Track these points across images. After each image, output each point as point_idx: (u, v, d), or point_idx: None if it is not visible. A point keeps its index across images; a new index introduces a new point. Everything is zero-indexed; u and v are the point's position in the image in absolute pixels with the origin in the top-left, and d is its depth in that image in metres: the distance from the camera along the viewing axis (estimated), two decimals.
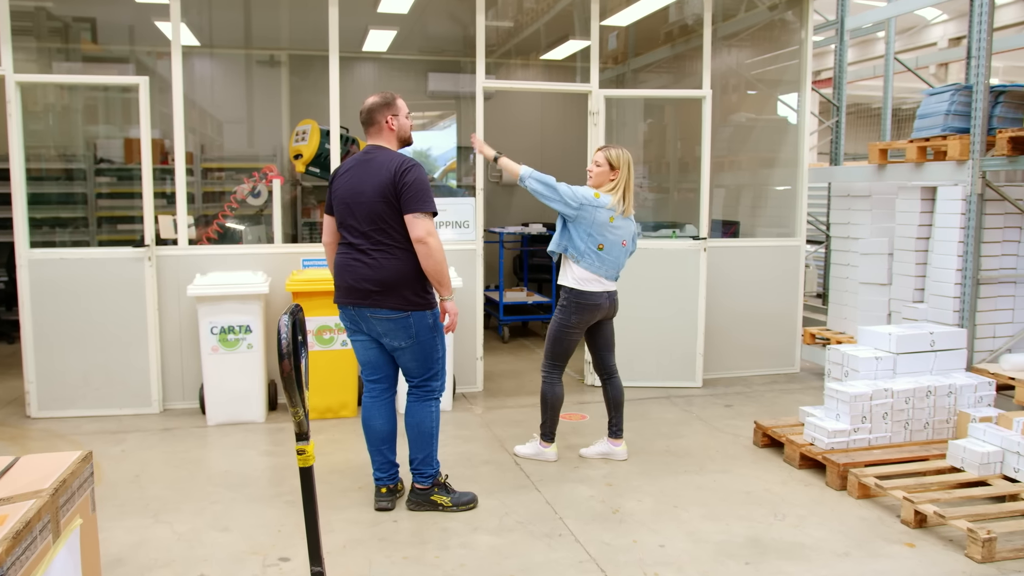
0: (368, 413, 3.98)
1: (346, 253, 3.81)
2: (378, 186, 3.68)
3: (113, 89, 8.06)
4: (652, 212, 9.13)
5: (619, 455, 4.74)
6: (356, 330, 3.89)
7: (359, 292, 3.75)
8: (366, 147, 3.86)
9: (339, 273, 3.84)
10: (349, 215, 3.76)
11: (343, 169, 3.86)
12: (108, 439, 5.07)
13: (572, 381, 6.54)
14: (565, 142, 10.14)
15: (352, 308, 3.81)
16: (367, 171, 3.74)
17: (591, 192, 4.43)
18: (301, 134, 6.56)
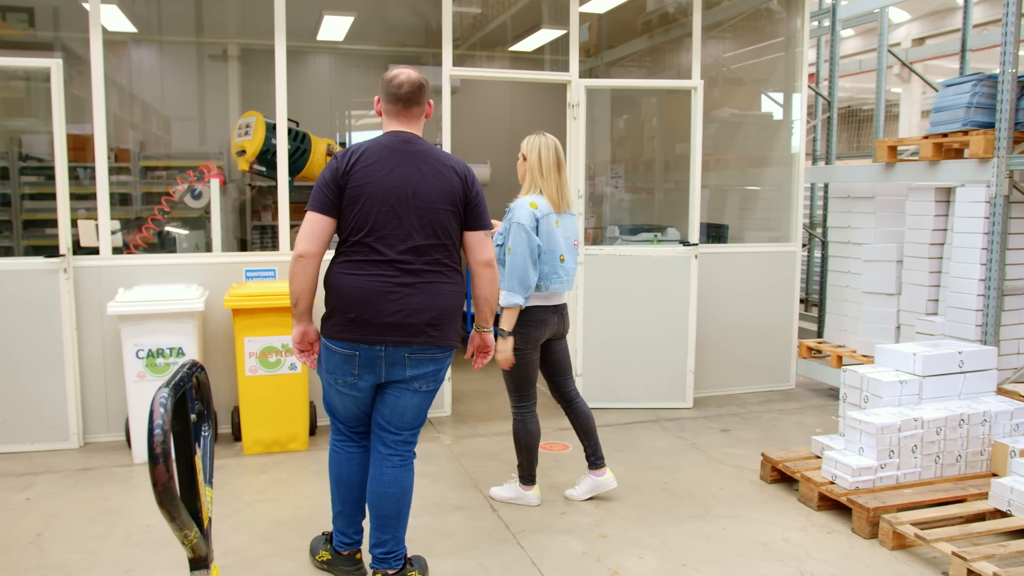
0: (354, 465, 3.16)
1: (381, 274, 2.88)
2: (446, 190, 2.94)
3: (37, 78, 7.25)
4: (629, 214, 8.56)
5: (607, 485, 4.11)
6: (364, 375, 2.96)
7: (409, 329, 2.89)
8: (397, 132, 2.98)
9: (369, 301, 2.86)
10: (394, 221, 2.87)
11: (371, 156, 2.90)
12: (12, 484, 4.32)
13: (550, 402, 5.89)
14: None
15: (385, 348, 2.90)
16: (423, 167, 2.93)
17: (528, 213, 3.76)
18: (244, 128, 5.84)
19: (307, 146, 6.07)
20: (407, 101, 2.97)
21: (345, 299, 2.89)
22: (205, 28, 7.82)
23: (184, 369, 1.64)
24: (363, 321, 2.86)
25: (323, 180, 2.90)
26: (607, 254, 5.69)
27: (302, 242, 2.88)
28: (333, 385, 3.03)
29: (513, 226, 3.72)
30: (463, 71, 5.54)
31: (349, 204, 2.87)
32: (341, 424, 3.17)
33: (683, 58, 8.00)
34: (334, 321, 2.92)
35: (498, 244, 3.81)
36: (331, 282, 2.96)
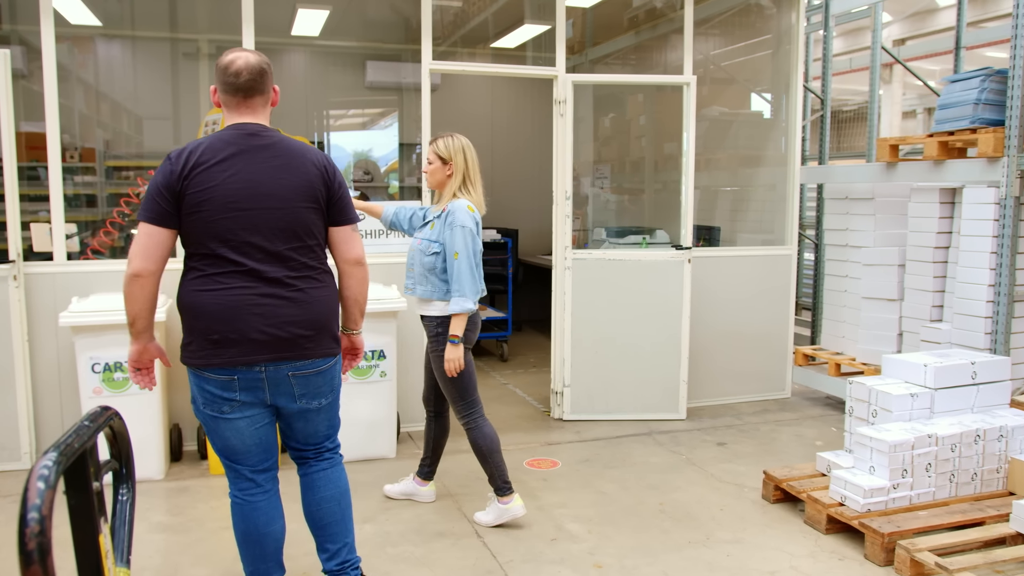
0: (263, 516, 2.76)
1: (242, 286, 2.55)
2: (304, 186, 2.62)
3: None
4: (615, 216, 8.29)
5: (424, 497, 4.09)
6: (249, 403, 2.64)
7: (281, 343, 2.59)
8: (241, 125, 2.61)
9: (233, 317, 2.53)
10: (248, 228, 2.54)
11: (211, 155, 2.51)
12: None
13: (536, 414, 5.62)
14: (517, 140, 9.27)
15: (264, 368, 2.60)
16: (274, 162, 2.59)
17: (470, 217, 3.64)
18: (212, 125, 5.50)
19: None
20: (248, 90, 2.61)
21: (206, 319, 2.54)
22: (175, 24, 7.48)
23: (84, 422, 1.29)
24: (231, 341, 2.54)
25: (155, 186, 2.50)
26: (596, 258, 5.41)
27: (136, 259, 2.49)
28: (218, 419, 2.64)
29: (457, 230, 3.57)
30: (444, 65, 5.24)
31: (191, 212, 2.51)
32: (242, 466, 2.73)
33: (670, 55, 7.76)
34: (197, 346, 2.57)
35: (435, 252, 3.64)
36: (185, 302, 2.59)
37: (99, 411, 1.35)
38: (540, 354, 7.59)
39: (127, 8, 7.24)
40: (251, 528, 2.75)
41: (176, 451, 4.64)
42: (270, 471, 2.79)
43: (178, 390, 4.76)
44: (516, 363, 7.21)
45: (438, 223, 3.68)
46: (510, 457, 4.71)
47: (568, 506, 4.02)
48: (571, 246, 5.38)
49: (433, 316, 3.71)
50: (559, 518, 3.88)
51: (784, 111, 6.27)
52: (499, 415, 5.59)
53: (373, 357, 4.55)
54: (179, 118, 7.72)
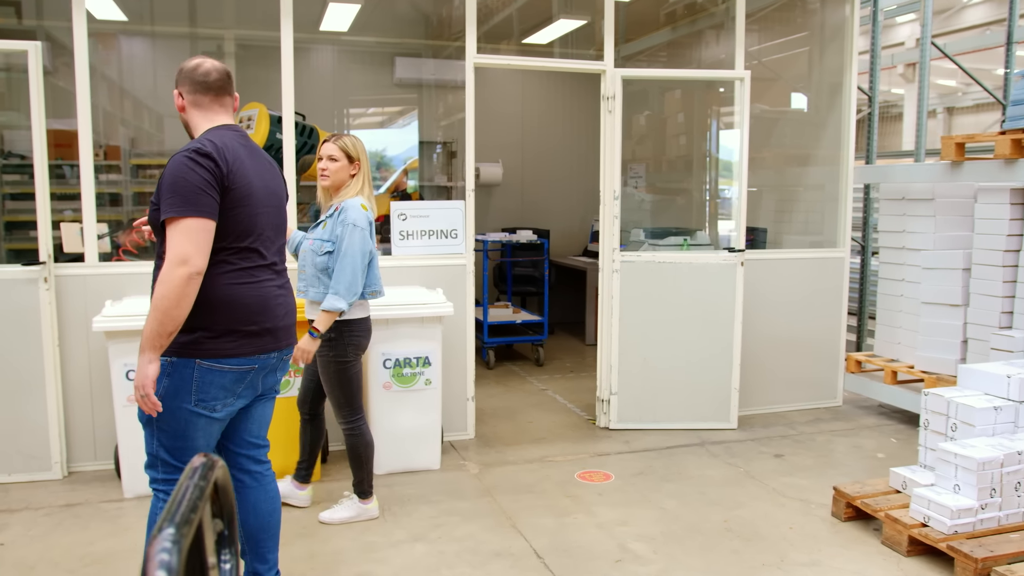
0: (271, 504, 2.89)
1: (267, 279, 2.68)
2: (282, 189, 2.84)
3: (18, 68, 6.70)
4: (651, 217, 8.07)
5: (301, 501, 3.99)
6: (246, 392, 2.69)
7: (288, 331, 2.79)
8: (231, 126, 2.70)
9: (266, 309, 2.65)
10: (269, 223, 2.71)
11: (237, 154, 2.58)
12: None
13: (580, 423, 5.40)
14: (547, 138, 9.05)
15: (278, 354, 2.75)
16: (267, 163, 2.77)
17: (364, 216, 3.55)
18: (246, 121, 5.32)
19: (315, 141, 5.55)
20: (219, 90, 2.69)
21: (246, 311, 2.59)
22: (200, 19, 7.31)
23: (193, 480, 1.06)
24: (266, 331, 2.66)
25: (203, 181, 2.45)
26: (644, 261, 5.18)
27: (197, 256, 2.42)
28: (200, 417, 2.57)
29: (348, 228, 3.49)
30: (490, 59, 5.02)
31: (234, 207, 2.55)
32: (189, 458, 2.64)
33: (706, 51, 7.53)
34: (230, 338, 2.57)
35: (327, 252, 3.55)
36: (223, 295, 2.55)
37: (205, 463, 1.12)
38: (575, 358, 7.38)
39: (152, 3, 7.07)
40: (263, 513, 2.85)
41: None
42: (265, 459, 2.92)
43: None
44: (552, 368, 6.99)
45: (330, 222, 3.58)
46: (559, 468, 4.52)
47: (629, 523, 3.80)
48: (618, 248, 5.16)
49: None
50: (621, 537, 3.66)
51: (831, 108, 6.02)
52: (541, 423, 5.38)
53: (418, 364, 4.35)
54: None
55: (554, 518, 3.86)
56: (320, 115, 7.80)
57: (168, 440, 2.57)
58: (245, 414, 2.79)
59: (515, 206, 8.92)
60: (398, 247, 4.82)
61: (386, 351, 4.29)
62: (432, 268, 4.84)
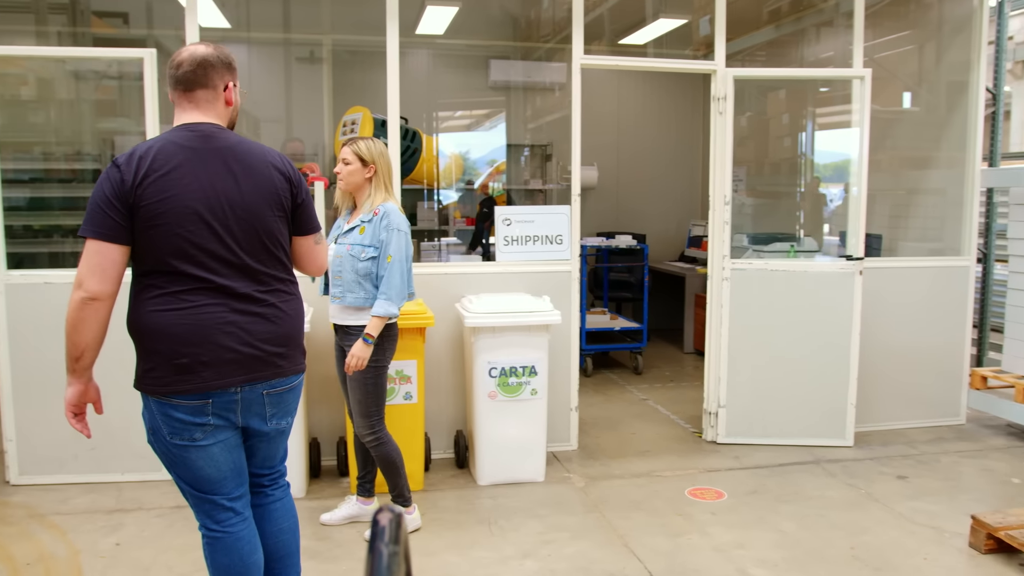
0: (247, 546, 2.47)
1: (208, 304, 2.29)
2: (269, 192, 2.38)
3: (130, 76, 6.89)
4: (751, 222, 7.78)
5: (370, 515, 3.66)
6: (222, 426, 2.36)
7: (256, 362, 2.36)
8: (192, 125, 2.35)
9: (202, 339, 2.27)
10: (213, 240, 2.29)
11: (165, 161, 2.25)
12: (101, 523, 3.85)
13: (685, 436, 5.21)
14: (643, 139, 8.86)
15: (239, 389, 2.35)
16: (235, 166, 2.34)
17: (404, 219, 3.60)
18: (350, 125, 5.32)
19: (418, 144, 5.53)
20: (187, 83, 2.35)
21: (170, 342, 2.27)
22: (298, 24, 7.39)
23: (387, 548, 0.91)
24: (202, 364, 2.28)
25: (103, 198, 2.21)
26: (756, 269, 4.96)
27: (90, 279, 2.19)
28: (189, 448, 2.35)
29: (394, 233, 3.50)
30: (597, 60, 4.89)
31: (149, 227, 2.24)
32: (218, 496, 2.43)
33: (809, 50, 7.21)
34: (161, 372, 2.29)
35: (371, 256, 3.49)
36: (143, 324, 2.29)
37: (391, 520, 1.00)
38: (674, 366, 7.17)
39: (255, 10, 7.18)
40: (235, 561, 2.46)
41: (315, 467, 4.44)
42: (245, 496, 2.52)
43: (316, 403, 4.57)
44: (651, 376, 6.80)
45: (370, 227, 3.52)
46: (668, 484, 4.35)
47: (747, 547, 3.61)
48: (728, 255, 4.95)
49: (362, 327, 3.51)
50: (740, 561, 3.48)
51: (953, 107, 5.66)
52: (645, 435, 5.21)
53: (524, 373, 4.24)
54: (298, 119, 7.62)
55: (667, 538, 3.69)
56: (413, 118, 7.81)
57: (181, 472, 2.39)
58: (247, 446, 2.51)
59: (610, 210, 8.76)
60: (502, 253, 4.73)
61: (492, 359, 4.20)
62: (537, 274, 4.74)
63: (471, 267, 4.89)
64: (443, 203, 7.88)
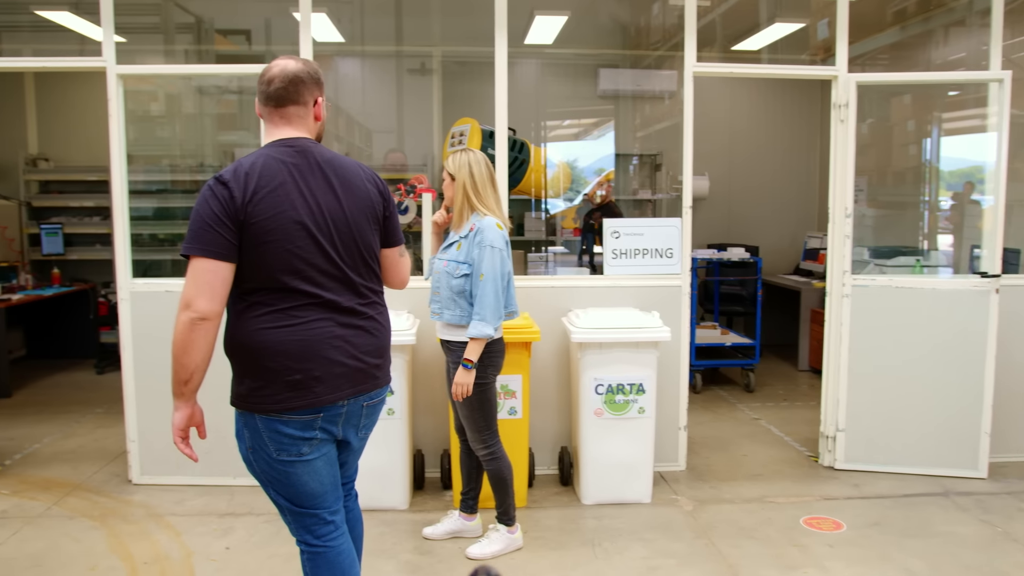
0: (347, 559, 2.48)
1: (317, 319, 2.30)
2: (366, 206, 2.40)
3: (248, 91, 7.14)
4: (873, 234, 7.40)
5: (473, 531, 3.82)
6: (326, 440, 2.37)
7: (360, 375, 2.37)
8: (289, 140, 2.35)
9: (313, 354, 2.28)
10: (319, 255, 2.29)
11: (271, 178, 2.25)
12: (213, 526, 3.95)
13: (799, 459, 4.96)
14: (756, 147, 8.57)
15: (345, 402, 2.36)
16: (334, 181, 2.35)
17: (500, 235, 3.47)
18: (458, 136, 5.33)
19: (525, 156, 5.48)
20: (279, 100, 2.36)
21: (283, 359, 2.26)
22: (409, 37, 7.49)
23: None
24: (314, 379, 2.28)
25: (211, 215, 2.19)
26: (879, 286, 4.68)
27: (200, 299, 2.17)
28: (296, 464, 2.33)
29: (487, 250, 3.39)
30: (708, 67, 4.72)
31: (259, 243, 2.22)
32: (321, 510, 2.43)
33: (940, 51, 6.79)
34: (273, 390, 2.27)
35: (464, 274, 3.43)
36: (254, 343, 2.26)
37: None
38: (788, 385, 6.87)
39: (368, 24, 7.31)
40: (337, 575, 2.46)
41: (419, 479, 4.44)
42: (342, 511, 2.53)
43: (420, 414, 4.58)
44: (763, 394, 6.54)
45: (465, 243, 3.46)
46: (781, 511, 4.14)
47: None
48: (849, 271, 4.69)
49: (462, 343, 3.46)
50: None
51: None
52: (757, 457, 4.99)
53: (631, 391, 4.12)
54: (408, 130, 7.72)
55: (781, 571, 3.50)
56: (521, 128, 7.79)
57: (282, 489, 2.38)
58: None
59: (721, 221, 8.51)
60: (611, 266, 4.62)
61: (599, 376, 4.10)
62: (646, 289, 4.61)
63: (578, 280, 4.80)
64: (551, 213, 7.83)
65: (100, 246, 7.78)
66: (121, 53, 4.42)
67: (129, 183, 4.46)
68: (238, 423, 2.37)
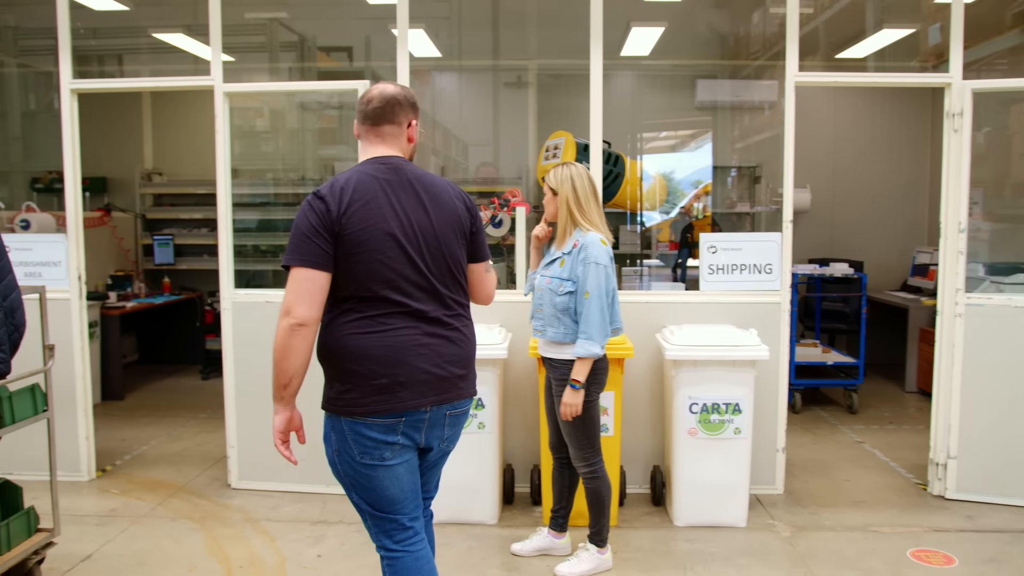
0: (427, 565, 2.52)
1: (405, 327, 2.39)
2: (454, 221, 2.50)
3: (349, 106, 7.32)
4: (988, 249, 6.99)
5: (562, 550, 3.76)
6: (408, 446, 2.44)
7: (444, 383, 2.45)
8: (383, 158, 2.48)
9: (399, 361, 2.37)
10: (408, 266, 2.39)
11: (364, 192, 2.38)
12: (306, 532, 4.03)
13: (906, 487, 4.72)
14: (861, 159, 8.25)
15: (428, 409, 2.43)
16: (423, 196, 2.45)
17: (604, 251, 3.40)
18: (553, 149, 5.31)
19: (620, 169, 5.43)
20: (376, 119, 2.49)
21: (370, 363, 2.36)
22: (505, 51, 7.54)
23: None
24: (399, 384, 2.37)
25: (309, 227, 2.32)
26: (997, 305, 4.42)
27: (300, 306, 2.28)
28: (378, 468, 2.41)
29: (592, 267, 3.32)
30: (811, 76, 4.56)
31: (352, 254, 2.34)
32: (401, 516, 2.48)
33: None
34: (359, 393, 2.36)
35: (568, 291, 3.36)
36: (343, 347, 2.37)
37: None
38: (894, 407, 6.56)
39: (465, 39, 7.40)
40: None
41: (508, 494, 4.42)
42: (420, 518, 2.57)
43: (511, 428, 4.56)
44: (867, 416, 6.25)
45: (569, 260, 3.39)
46: (887, 541, 3.94)
47: None
48: (963, 289, 4.44)
49: (566, 360, 3.41)
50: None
51: None
52: (860, 482, 4.77)
53: (727, 411, 3.99)
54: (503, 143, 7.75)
55: None
56: (616, 141, 7.73)
57: (366, 496, 2.45)
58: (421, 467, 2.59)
59: (823, 235, 8.22)
60: (707, 282, 4.51)
61: (693, 394, 3.99)
62: (743, 305, 4.47)
63: (673, 296, 4.70)
64: (646, 226, 7.73)
65: (207, 256, 8.09)
66: (229, 71, 4.60)
67: (234, 196, 4.63)
68: (326, 426, 2.46)
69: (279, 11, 6.80)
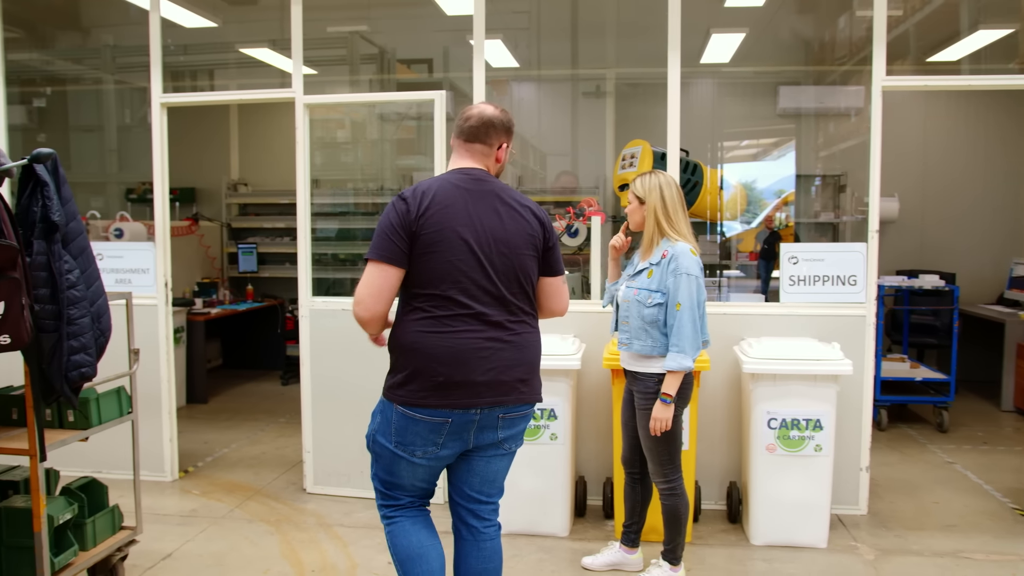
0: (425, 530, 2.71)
1: (468, 329, 2.52)
2: (527, 233, 2.62)
3: (427, 117, 7.40)
4: None
5: (634, 565, 3.68)
6: (450, 443, 2.58)
7: (501, 387, 2.56)
8: (467, 170, 2.64)
9: (460, 361, 2.50)
10: (478, 270, 2.52)
11: (443, 198, 2.53)
12: (377, 539, 4.05)
13: (1002, 512, 4.47)
14: (953, 167, 7.91)
15: (480, 411, 2.55)
16: (500, 208, 2.59)
17: (695, 262, 3.31)
18: (629, 159, 5.26)
19: (698, 178, 5.33)
20: (469, 136, 2.66)
21: (431, 361, 2.51)
22: (583, 60, 7.51)
23: None
24: (455, 384, 2.51)
25: (389, 225, 2.51)
26: None
27: (368, 300, 2.49)
28: (401, 459, 2.60)
29: (683, 278, 3.25)
30: (900, 81, 4.39)
31: (425, 252, 2.51)
32: (402, 498, 2.71)
33: None
34: (416, 386, 2.52)
35: (657, 303, 3.29)
36: (407, 342, 2.54)
37: None
38: (989, 426, 6.24)
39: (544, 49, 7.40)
40: (412, 543, 2.66)
41: (580, 506, 4.36)
42: (425, 503, 2.77)
43: (584, 440, 4.51)
44: (959, 436, 5.97)
45: (657, 270, 3.32)
46: (979, 569, 3.75)
47: None
48: None
49: (653, 374, 3.34)
50: None
51: None
52: (951, 506, 4.55)
53: (807, 427, 3.86)
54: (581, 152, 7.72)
55: None
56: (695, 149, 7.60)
57: (382, 472, 2.67)
58: (466, 466, 2.70)
59: (913, 246, 7.92)
60: (787, 293, 4.38)
61: (772, 409, 3.87)
62: (825, 318, 4.33)
63: (752, 308, 4.58)
64: (726, 236, 7.58)
65: (289, 265, 8.29)
66: (311, 84, 4.71)
67: (314, 206, 4.73)
68: (378, 406, 2.64)
69: (360, 24, 6.93)
